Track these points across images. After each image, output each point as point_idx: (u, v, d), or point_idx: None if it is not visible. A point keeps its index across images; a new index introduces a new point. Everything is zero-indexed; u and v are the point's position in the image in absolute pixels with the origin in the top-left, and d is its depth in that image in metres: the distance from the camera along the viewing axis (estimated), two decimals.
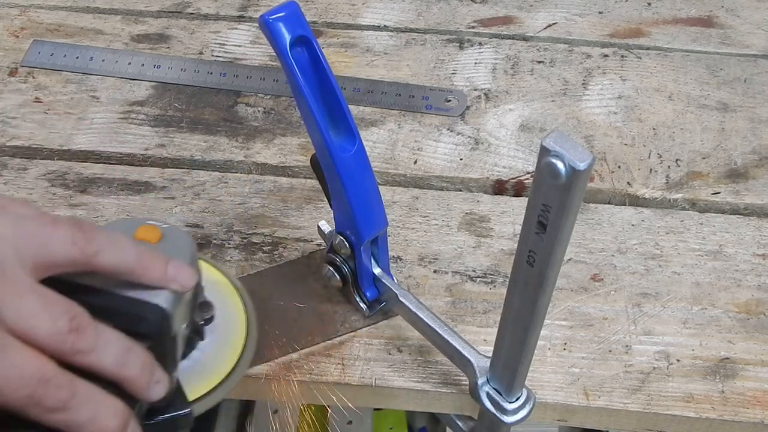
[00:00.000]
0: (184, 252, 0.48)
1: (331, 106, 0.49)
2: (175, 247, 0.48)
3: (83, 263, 0.43)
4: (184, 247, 0.48)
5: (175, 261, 0.46)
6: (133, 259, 0.44)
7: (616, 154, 0.70)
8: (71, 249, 0.42)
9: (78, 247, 0.42)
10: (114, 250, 0.44)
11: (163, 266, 0.45)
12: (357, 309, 0.59)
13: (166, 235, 0.48)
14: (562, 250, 0.39)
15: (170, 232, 0.49)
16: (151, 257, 0.45)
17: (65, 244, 0.42)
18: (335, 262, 0.57)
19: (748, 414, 0.55)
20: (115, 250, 0.44)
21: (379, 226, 0.54)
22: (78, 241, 0.42)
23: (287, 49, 0.46)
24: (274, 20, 0.46)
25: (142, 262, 0.44)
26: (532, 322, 0.44)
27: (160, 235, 0.48)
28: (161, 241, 0.48)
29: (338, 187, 0.51)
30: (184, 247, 0.48)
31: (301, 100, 0.47)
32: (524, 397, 0.51)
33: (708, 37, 0.80)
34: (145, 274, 0.45)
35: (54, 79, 0.76)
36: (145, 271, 0.45)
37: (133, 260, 0.44)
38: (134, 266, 0.44)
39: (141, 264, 0.44)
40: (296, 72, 0.46)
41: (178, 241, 0.48)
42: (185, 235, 0.49)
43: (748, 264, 0.63)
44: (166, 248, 0.47)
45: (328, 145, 0.49)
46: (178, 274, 0.46)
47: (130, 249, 0.44)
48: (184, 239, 0.49)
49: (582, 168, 0.34)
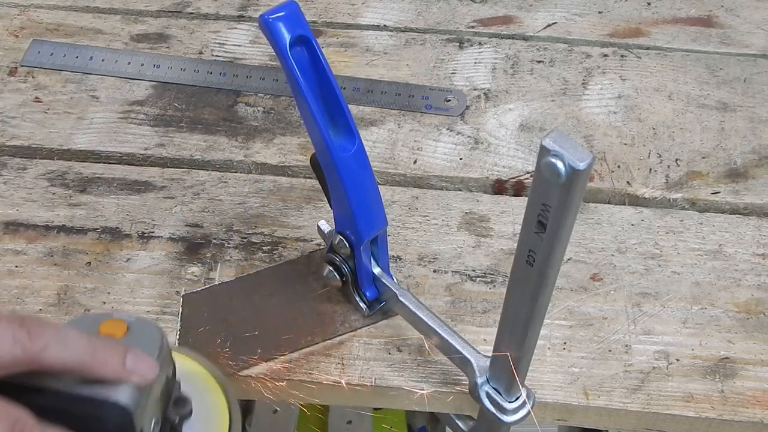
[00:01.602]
0: (151, 344, 0.45)
1: (331, 105, 0.49)
2: (142, 339, 0.45)
3: (28, 362, 0.39)
4: (152, 340, 0.45)
5: (135, 351, 0.43)
6: (85, 353, 0.41)
7: (615, 153, 0.70)
8: (13, 348, 0.39)
9: (20, 346, 0.39)
10: (62, 345, 0.40)
11: (120, 358, 0.42)
12: (357, 308, 0.59)
13: (132, 328, 0.45)
14: (561, 249, 0.39)
15: (137, 324, 0.46)
16: (106, 349, 0.42)
17: (5, 343, 0.39)
18: (335, 261, 0.57)
19: (747, 413, 0.55)
20: (63, 345, 0.40)
21: (378, 225, 0.54)
22: (20, 338, 0.39)
23: (287, 48, 0.46)
24: (273, 20, 0.46)
25: (95, 356, 0.41)
26: (531, 321, 0.44)
27: (126, 328, 0.45)
28: (127, 335, 0.45)
29: (338, 187, 0.51)
30: (152, 339, 0.45)
31: (301, 99, 0.47)
32: (524, 397, 0.51)
33: (708, 37, 0.80)
34: (100, 368, 0.41)
35: (54, 79, 0.76)
36: (99, 365, 0.41)
37: (85, 354, 0.41)
38: (87, 361, 0.41)
39: (94, 358, 0.41)
40: (296, 71, 0.46)
41: (145, 334, 0.45)
42: (154, 327, 0.46)
43: (747, 264, 0.63)
44: (131, 342, 0.44)
45: (327, 145, 0.48)
46: (138, 366, 0.42)
47: (80, 342, 0.41)
48: (152, 331, 0.46)
49: (582, 168, 0.34)
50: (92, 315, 0.47)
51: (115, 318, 0.46)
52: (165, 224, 0.65)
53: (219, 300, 0.60)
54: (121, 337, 0.45)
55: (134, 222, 0.65)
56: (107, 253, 0.63)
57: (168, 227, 0.64)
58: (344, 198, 0.51)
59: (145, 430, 0.44)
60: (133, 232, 0.64)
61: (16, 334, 0.39)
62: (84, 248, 0.63)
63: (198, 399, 0.50)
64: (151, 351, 0.44)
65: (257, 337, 0.57)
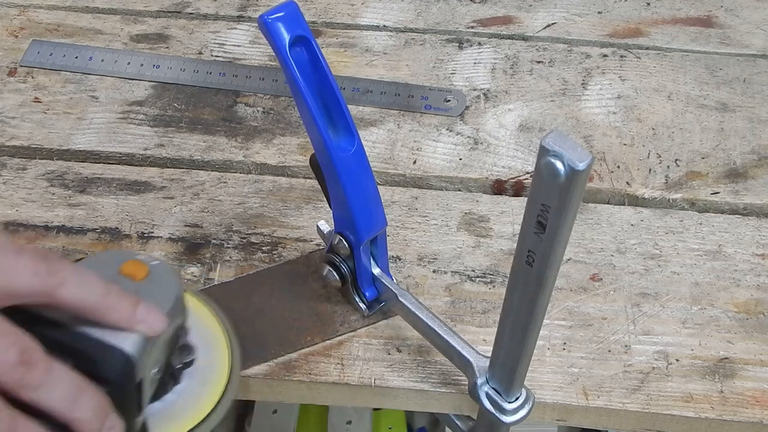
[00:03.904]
0: (168, 292, 0.46)
1: (330, 106, 0.49)
2: (160, 286, 0.46)
3: (45, 295, 0.41)
4: (169, 287, 0.46)
5: (146, 304, 0.44)
6: (98, 297, 0.42)
7: (615, 154, 0.70)
8: (32, 279, 0.40)
9: (39, 278, 0.40)
10: (78, 285, 0.41)
11: (131, 307, 0.43)
12: (356, 309, 0.59)
13: (152, 273, 0.46)
14: (561, 250, 0.39)
15: (158, 269, 0.46)
16: (119, 297, 0.43)
17: (26, 275, 0.40)
18: (334, 261, 0.57)
19: (747, 414, 0.55)
20: (79, 285, 0.41)
21: (378, 226, 0.54)
22: (40, 272, 0.40)
23: (286, 49, 0.46)
24: (273, 20, 0.45)
25: (107, 301, 0.42)
26: (531, 322, 0.44)
27: (146, 272, 0.46)
28: (146, 279, 0.46)
29: (337, 187, 0.51)
30: (169, 287, 0.46)
31: (300, 99, 0.47)
32: (523, 398, 0.51)
33: (707, 37, 0.80)
34: (110, 313, 0.42)
35: (53, 79, 0.76)
36: (110, 310, 0.42)
37: (98, 297, 0.42)
38: (99, 304, 0.42)
39: (106, 303, 0.42)
40: (295, 72, 0.46)
41: (164, 280, 0.46)
42: (174, 274, 0.47)
43: (747, 264, 0.63)
44: (149, 287, 0.45)
45: (326, 145, 0.48)
46: (148, 317, 0.43)
47: (96, 286, 0.42)
48: (171, 278, 0.46)
49: (581, 168, 0.34)
50: (117, 253, 0.48)
51: (137, 259, 0.47)
52: (164, 224, 0.65)
53: (218, 300, 0.59)
54: (140, 279, 0.45)
55: (134, 222, 0.65)
56: None
57: (167, 227, 0.64)
58: (344, 198, 0.51)
59: (146, 377, 0.45)
60: (133, 233, 0.64)
61: (37, 267, 0.40)
62: (83, 248, 0.63)
63: (203, 349, 0.50)
64: (166, 298, 0.45)
65: (257, 338, 0.57)
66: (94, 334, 0.42)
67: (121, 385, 0.43)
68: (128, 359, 0.42)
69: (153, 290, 0.45)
